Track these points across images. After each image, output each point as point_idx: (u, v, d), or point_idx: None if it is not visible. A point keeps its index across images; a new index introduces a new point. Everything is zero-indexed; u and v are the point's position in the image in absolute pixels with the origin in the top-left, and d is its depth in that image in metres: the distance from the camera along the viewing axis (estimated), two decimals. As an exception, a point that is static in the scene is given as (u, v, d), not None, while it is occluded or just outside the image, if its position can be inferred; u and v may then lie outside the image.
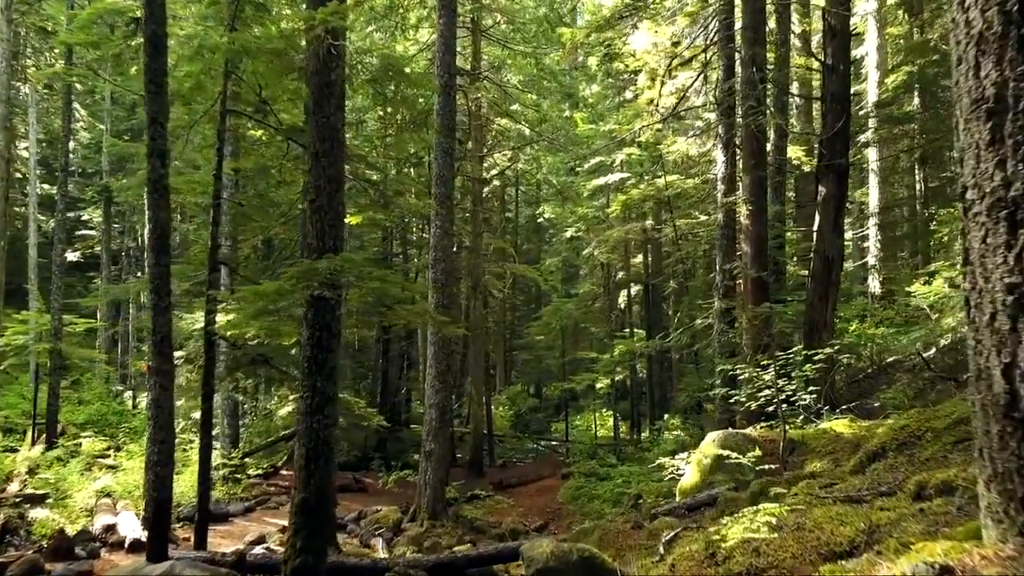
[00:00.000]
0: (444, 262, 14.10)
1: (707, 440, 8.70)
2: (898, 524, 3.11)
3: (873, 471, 5.05)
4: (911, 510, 3.31)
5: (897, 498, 3.71)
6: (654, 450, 17.40)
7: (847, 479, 5.22)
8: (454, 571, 8.07)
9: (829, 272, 11.96)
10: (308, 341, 6.78)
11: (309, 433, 6.66)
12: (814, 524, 3.48)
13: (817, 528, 3.41)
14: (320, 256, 6.63)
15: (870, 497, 4.04)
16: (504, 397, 34.84)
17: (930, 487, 3.53)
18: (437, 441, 13.89)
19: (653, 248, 24.86)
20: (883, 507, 3.55)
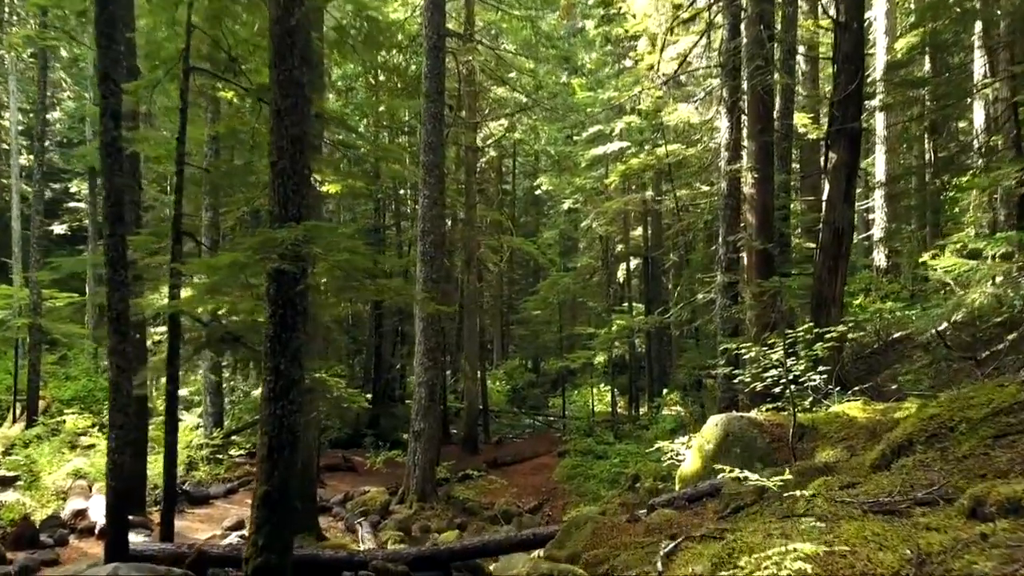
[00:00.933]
0: (433, 234, 13.43)
1: (709, 424, 8.10)
2: (956, 554, 2.50)
3: (901, 468, 4.43)
4: (969, 534, 2.70)
5: (944, 512, 3.10)
6: (652, 428, 16.87)
7: (870, 477, 4.61)
8: (437, 564, 7.51)
9: (839, 244, 11.28)
10: (271, 319, 6.13)
11: (272, 420, 6.04)
12: (846, 546, 2.87)
13: (851, 552, 2.80)
14: (282, 225, 5.97)
15: (906, 506, 3.42)
16: (501, 372, 34.33)
17: (991, 503, 2.91)
18: (427, 420, 13.34)
19: (653, 220, 24.14)
20: (929, 525, 2.94)
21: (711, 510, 6.53)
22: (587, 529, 6.71)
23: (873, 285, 20.41)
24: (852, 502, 3.78)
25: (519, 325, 31.60)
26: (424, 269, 13.40)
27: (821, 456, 6.76)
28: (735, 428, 7.70)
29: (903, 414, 6.99)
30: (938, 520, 2.99)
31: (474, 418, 20.37)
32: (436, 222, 13.47)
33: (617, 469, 15.53)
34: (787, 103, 15.21)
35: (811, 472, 6.02)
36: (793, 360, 7.69)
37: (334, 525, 12.16)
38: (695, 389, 18.35)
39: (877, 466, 4.98)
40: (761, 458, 7.37)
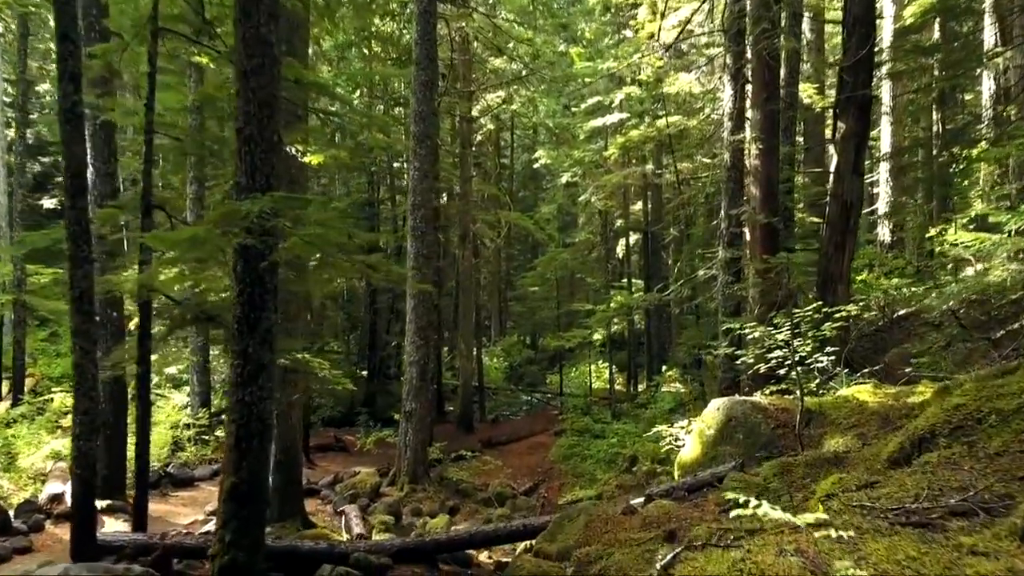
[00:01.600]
0: (424, 208, 12.92)
1: (710, 408, 7.67)
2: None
3: (925, 466, 3.98)
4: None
5: (989, 530, 2.66)
6: (651, 407, 16.50)
7: (889, 474, 4.17)
8: (421, 555, 7.13)
9: (847, 218, 10.79)
10: (238, 298, 5.67)
11: (240, 408, 5.60)
12: (875, 570, 2.43)
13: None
14: (248, 197, 5.48)
15: (939, 516, 2.98)
16: (499, 349, 33.97)
17: (1050, 524, 2.49)
18: (418, 400, 12.93)
19: (653, 194, 23.59)
20: (975, 548, 2.50)
21: (712, 502, 6.11)
22: (580, 522, 6.30)
23: (877, 261, 19.94)
24: (875, 508, 3.34)
25: (516, 302, 31.14)
26: (415, 244, 12.92)
27: (830, 444, 6.33)
28: (737, 413, 7.27)
29: (918, 399, 6.55)
30: (984, 541, 2.56)
31: (469, 397, 20.00)
32: (427, 195, 12.96)
33: (615, 450, 15.19)
34: (792, 72, 14.61)
35: (820, 463, 5.60)
36: (799, 341, 7.25)
37: (322, 509, 11.80)
38: (695, 367, 17.94)
39: (895, 460, 4.54)
40: (765, 445, 6.95)
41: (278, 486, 10.03)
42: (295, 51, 9.71)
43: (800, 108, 16.95)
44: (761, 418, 7.15)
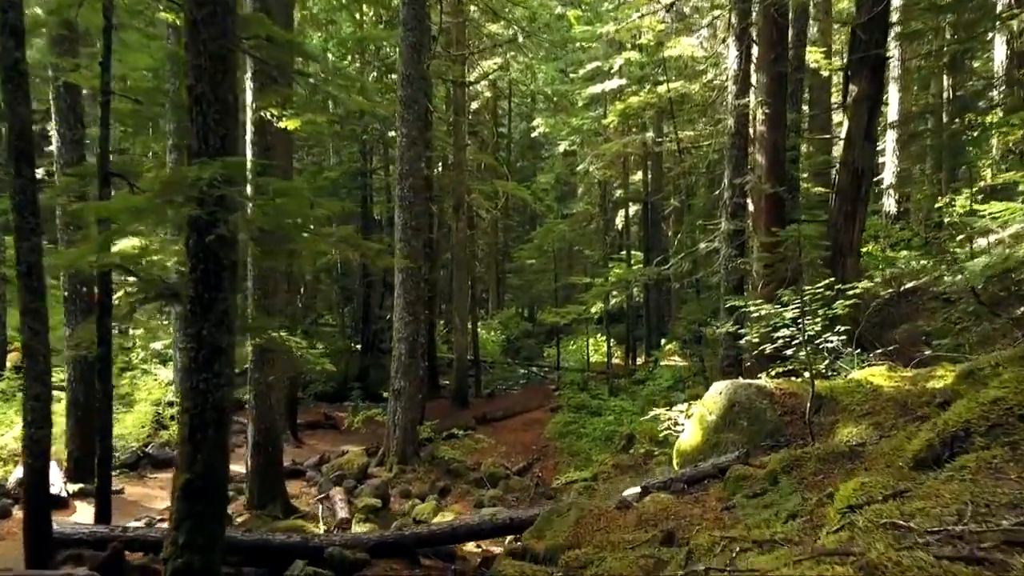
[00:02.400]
0: (413, 177, 12.30)
1: (712, 392, 7.15)
2: None
3: (962, 471, 3.46)
4: None
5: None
6: (649, 384, 16.03)
7: (919, 480, 3.64)
8: (401, 550, 6.66)
9: (858, 186, 10.20)
10: (190, 276, 5.11)
11: (194, 396, 5.07)
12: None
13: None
14: (199, 162, 4.89)
15: (993, 545, 2.46)
16: (496, 322, 33.47)
17: None
18: (407, 378, 12.44)
19: (653, 163, 22.89)
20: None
21: (714, 497, 5.62)
22: (570, 517, 5.81)
23: (883, 232, 19.36)
24: (911, 528, 2.82)
25: (513, 275, 30.54)
26: (403, 215, 12.32)
27: (843, 433, 5.82)
28: (741, 397, 6.75)
29: (938, 383, 6.03)
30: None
31: (464, 372, 19.53)
32: (415, 163, 12.32)
33: (611, 428, 14.73)
34: (800, 33, 13.87)
35: (834, 457, 5.08)
36: (808, 319, 6.70)
37: (307, 491, 11.36)
38: (695, 343, 17.44)
39: (923, 461, 4.02)
40: (771, 433, 6.45)
41: (258, 470, 9.59)
42: (269, 8, 9.03)
43: (807, 73, 16.23)
44: (767, 404, 6.64)
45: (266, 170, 9.28)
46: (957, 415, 4.07)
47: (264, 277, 9.37)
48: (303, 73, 7.34)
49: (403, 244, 12.26)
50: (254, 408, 9.50)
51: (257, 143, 9.25)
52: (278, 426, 9.74)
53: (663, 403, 14.30)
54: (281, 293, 14.21)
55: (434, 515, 8.99)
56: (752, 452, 6.29)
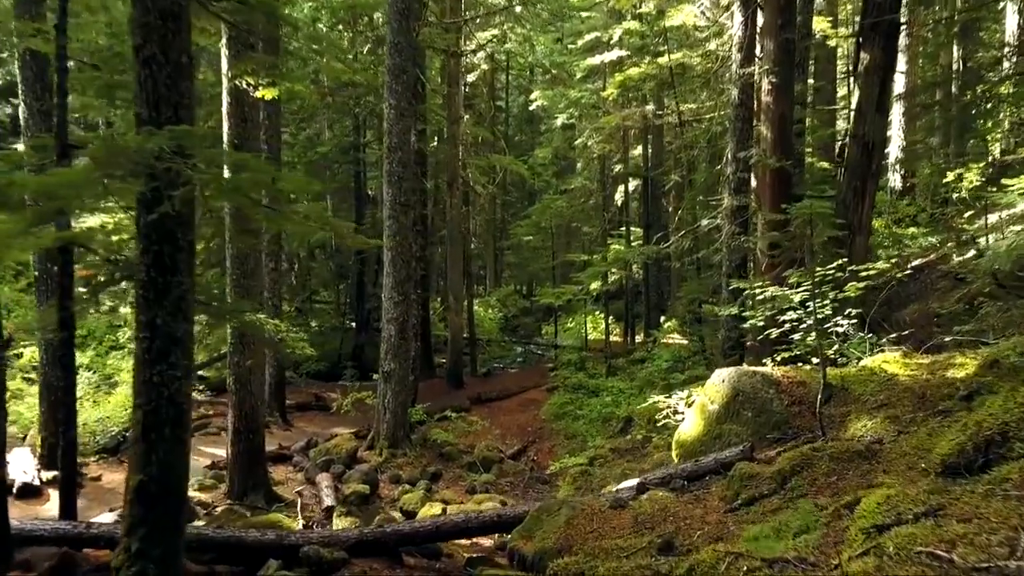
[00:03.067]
0: (401, 150, 11.77)
1: (714, 379, 6.71)
2: None
3: (1002, 484, 3.03)
4: None
5: None
6: (648, 365, 15.62)
7: (952, 493, 3.20)
8: (382, 548, 6.26)
9: (868, 161, 9.70)
10: (142, 258, 4.64)
11: (148, 390, 4.63)
12: None
13: None
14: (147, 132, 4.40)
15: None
16: (494, 299, 33.05)
17: None
18: (397, 360, 12.01)
19: (654, 137, 22.30)
20: None
21: (717, 496, 5.20)
22: (561, 517, 5.40)
23: (888, 208, 18.84)
24: (951, 562, 2.38)
25: (510, 252, 30.00)
26: (391, 191, 11.81)
27: (856, 427, 5.39)
28: (746, 386, 6.31)
29: (959, 372, 5.59)
30: None
31: (459, 351, 19.12)
32: (404, 136, 11.78)
33: (608, 409, 14.35)
34: (807, 2, 13.26)
35: (849, 456, 4.65)
36: (819, 302, 6.24)
37: (292, 477, 10.98)
38: (695, 322, 17.01)
39: (953, 467, 3.58)
40: (778, 425, 6.02)
41: (239, 457, 9.18)
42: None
43: (812, 42, 15.60)
44: (773, 393, 6.20)
45: (244, 143, 8.77)
46: (992, 415, 3.62)
47: (243, 256, 8.89)
48: (277, 37, 6.78)
49: (391, 221, 11.77)
50: (234, 393, 9.07)
51: (233, 114, 8.71)
52: (260, 411, 9.32)
53: (661, 384, 13.92)
54: (264, 272, 13.75)
55: (421, 504, 8.61)
56: (757, 445, 5.87)
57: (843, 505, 3.64)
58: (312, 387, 18.82)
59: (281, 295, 18.12)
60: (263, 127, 13.86)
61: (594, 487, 10.62)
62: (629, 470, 10.76)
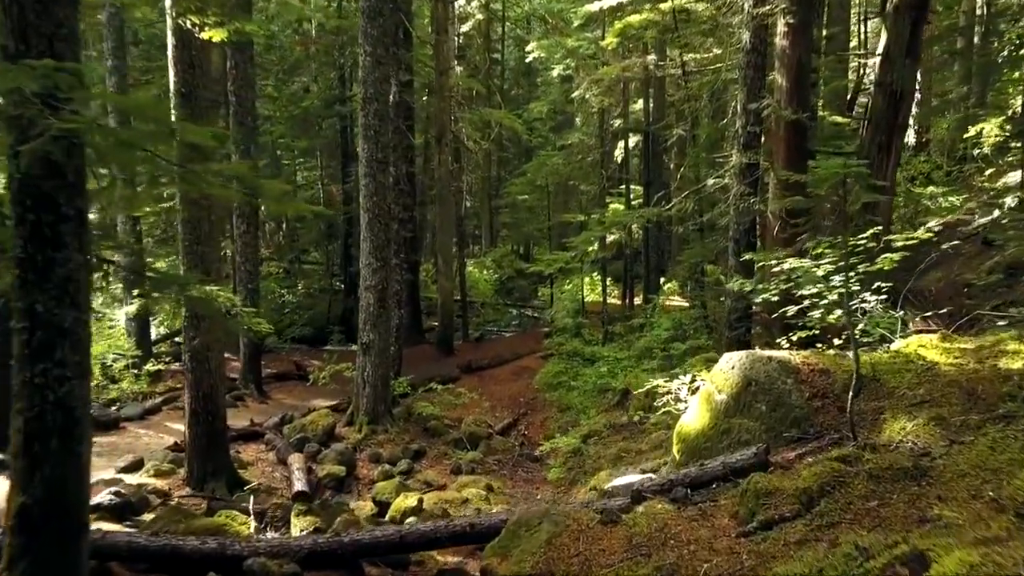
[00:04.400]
0: (378, 101, 10.73)
1: (723, 365, 5.84)
2: None
3: None
4: None
5: None
6: (647, 332, 14.76)
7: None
8: (339, 560, 5.47)
9: (895, 112, 8.70)
10: (16, 230, 3.73)
11: (30, 393, 3.76)
12: None
13: None
14: (12, 68, 3.43)
15: None
16: (489, 260, 32.10)
17: None
18: (377, 331, 11.16)
19: (655, 90, 21.10)
20: None
21: (727, 512, 4.37)
22: (542, 534, 4.57)
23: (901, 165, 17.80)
24: None
25: (507, 210, 28.92)
26: (368, 147, 10.81)
27: (893, 429, 4.53)
28: (759, 375, 5.44)
29: (1015, 363, 4.71)
30: None
31: (449, 317, 18.27)
32: (382, 86, 10.73)
33: (604, 380, 13.54)
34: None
35: (893, 475, 3.79)
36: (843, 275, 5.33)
37: (263, 457, 10.21)
38: (697, 288, 16.12)
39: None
40: (797, 421, 5.16)
41: (197, 441, 8.37)
42: None
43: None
44: (791, 383, 5.32)
45: (192, 93, 7.79)
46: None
47: (195, 220, 7.96)
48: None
49: (368, 180, 10.79)
50: (191, 371, 8.23)
51: (180, 60, 7.69)
52: (220, 390, 8.49)
53: (661, 356, 13.09)
54: (238, 235, 12.82)
55: (396, 494, 7.82)
56: (773, 446, 5.03)
57: (898, 559, 2.79)
58: (295, 354, 18.01)
59: (259, 257, 17.21)
60: (231, 76, 12.81)
61: (587, 469, 9.87)
62: (625, 450, 9.99)
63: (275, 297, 23.32)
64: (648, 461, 8.54)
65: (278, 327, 21.08)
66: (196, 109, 7.87)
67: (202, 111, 7.94)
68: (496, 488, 9.54)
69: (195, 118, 7.88)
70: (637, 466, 8.93)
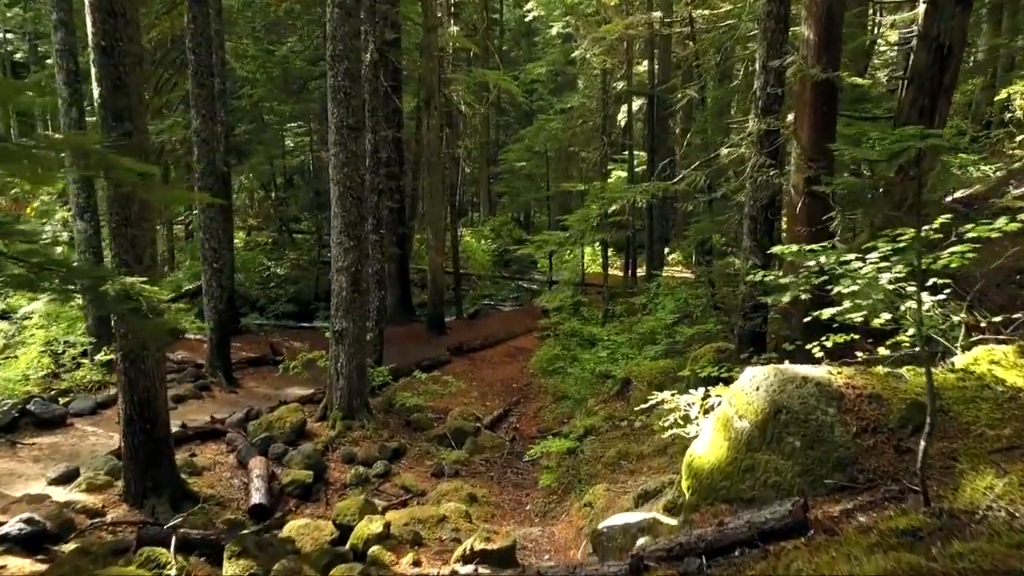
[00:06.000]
0: (348, 60, 9.50)
1: (744, 383, 4.72)
2: None
3: None
4: None
5: None
6: (649, 315, 13.65)
7: None
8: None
9: (941, 70, 7.45)
10: None
11: None
12: None
13: None
14: None
15: None
16: (487, 229, 30.91)
17: None
18: (351, 318, 10.07)
19: (661, 50, 19.69)
20: None
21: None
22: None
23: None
24: None
25: (506, 177, 27.58)
26: (338, 111, 9.58)
27: (975, 488, 3.42)
28: (792, 400, 4.33)
29: None
30: None
31: (440, 294, 17.16)
32: (352, 42, 9.47)
33: (604, 366, 12.46)
34: None
35: None
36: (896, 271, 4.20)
37: (222, 460, 9.18)
38: (704, 263, 14.96)
39: None
40: (841, 464, 4.06)
41: (134, 452, 7.34)
42: None
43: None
44: (833, 414, 4.21)
45: (115, 47, 6.59)
46: None
47: (123, 197, 6.81)
48: None
49: (338, 148, 9.60)
50: (123, 373, 7.16)
51: (98, 7, 6.48)
52: (160, 393, 7.42)
53: (665, 342, 12.00)
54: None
55: (360, 516, 6.75)
56: (811, 495, 3.94)
57: None
58: (278, 333, 16.92)
59: (231, 230, 16.11)
60: (189, 32, 11.54)
61: (582, 476, 8.83)
62: (625, 454, 8.92)
63: (261, 270, 22.25)
64: (650, 475, 7.49)
65: (262, 302, 20.05)
66: (121, 66, 6.68)
67: (127, 68, 6.74)
68: (481, 497, 8.53)
69: (119, 77, 6.71)
70: (638, 477, 7.89)
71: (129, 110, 6.85)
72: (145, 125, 7.14)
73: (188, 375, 12.27)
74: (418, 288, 20.79)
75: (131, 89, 6.86)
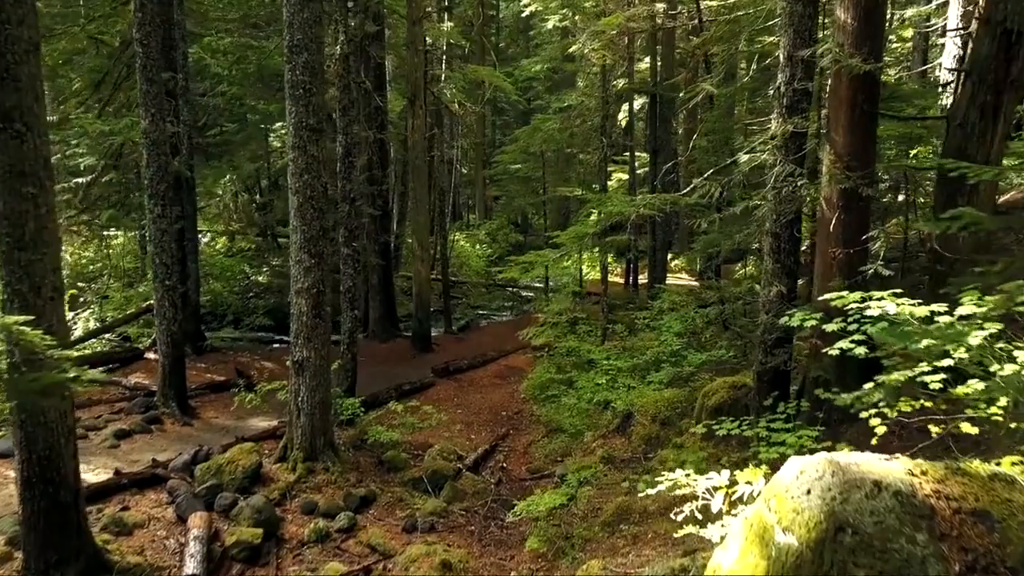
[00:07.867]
0: (307, 51, 8.25)
1: (787, 478, 3.44)
2: None
3: None
4: None
5: None
6: (653, 335, 12.39)
7: None
8: None
9: (1007, 61, 6.21)
10: None
11: None
12: None
13: None
14: None
15: None
16: (483, 233, 29.72)
17: None
18: (312, 346, 8.82)
19: (664, 45, 18.48)
20: None
21: None
22: None
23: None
24: None
25: (495, 184, 26.34)
26: (296, 110, 8.32)
27: None
28: (860, 516, 3.07)
29: None
30: None
31: (425, 309, 15.91)
32: (312, 30, 8.21)
33: (604, 394, 11.20)
34: None
35: None
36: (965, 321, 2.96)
37: (159, 515, 7.91)
38: (713, 275, 13.71)
39: None
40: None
41: (34, 519, 6.09)
42: None
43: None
44: (924, 542, 2.94)
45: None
46: None
47: (16, 214, 5.58)
48: None
49: (297, 152, 8.36)
50: (20, 427, 5.91)
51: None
52: (65, 449, 6.16)
53: (671, 371, 10.74)
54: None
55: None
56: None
57: None
58: (246, 353, 15.63)
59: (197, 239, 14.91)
60: (136, 21, 10.30)
61: (575, 540, 7.54)
62: (626, 510, 7.63)
63: (240, 278, 21.05)
64: (656, 548, 6.23)
65: (240, 314, 18.82)
66: (8, 54, 5.47)
67: (18, 58, 5.51)
68: (457, 564, 7.27)
69: (5, 68, 5.48)
70: (641, 550, 6.62)
71: (20, 109, 5.62)
72: (44, 127, 5.90)
73: (138, 405, 11.01)
74: (407, 297, 19.59)
75: (23, 83, 5.63)
